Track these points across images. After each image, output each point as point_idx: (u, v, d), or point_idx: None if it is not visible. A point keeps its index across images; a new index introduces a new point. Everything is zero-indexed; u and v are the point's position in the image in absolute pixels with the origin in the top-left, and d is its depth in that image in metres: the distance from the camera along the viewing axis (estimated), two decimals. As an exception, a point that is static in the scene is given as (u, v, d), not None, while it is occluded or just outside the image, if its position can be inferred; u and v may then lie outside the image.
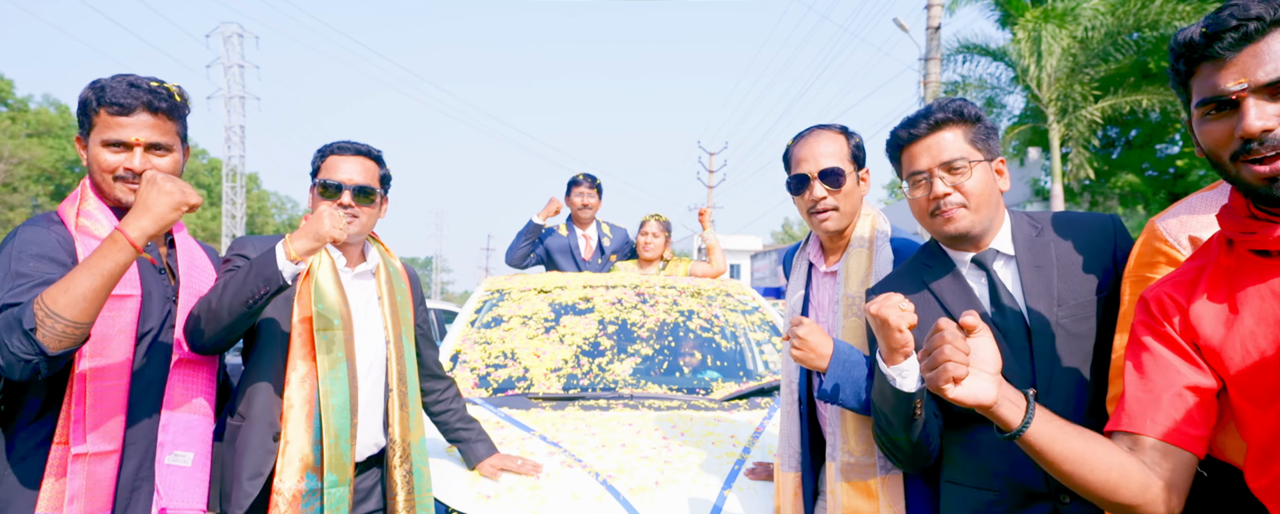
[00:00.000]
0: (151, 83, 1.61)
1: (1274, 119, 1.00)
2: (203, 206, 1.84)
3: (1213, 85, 1.03)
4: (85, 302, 1.31)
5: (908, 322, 1.35)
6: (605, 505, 2.02)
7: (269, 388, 1.76)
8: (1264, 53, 1.00)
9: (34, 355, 1.30)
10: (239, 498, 1.69)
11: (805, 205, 1.75)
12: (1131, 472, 1.09)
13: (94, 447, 1.47)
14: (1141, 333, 1.15)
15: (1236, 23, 1.01)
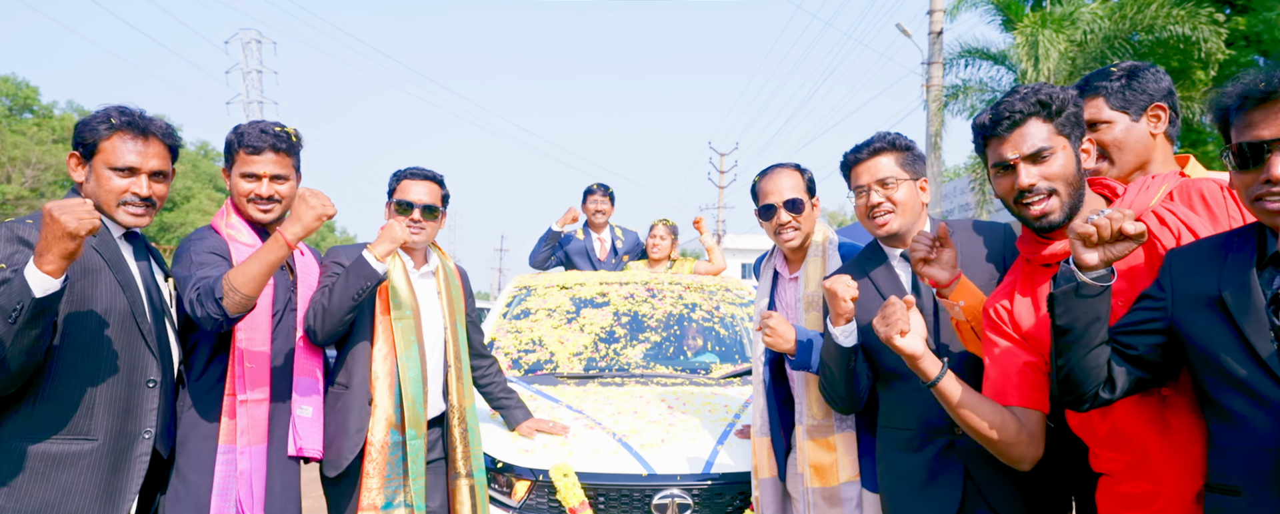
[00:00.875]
0: (276, 127, 2.13)
1: (1037, 178, 1.52)
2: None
3: (998, 155, 1.56)
4: (255, 281, 1.84)
5: (851, 294, 1.85)
6: (621, 458, 2.52)
7: (362, 364, 2.28)
8: (1026, 134, 1.53)
9: (220, 316, 1.83)
10: (347, 447, 2.21)
11: (772, 229, 2.25)
12: (1008, 422, 1.58)
13: (252, 396, 2.00)
14: (989, 331, 1.65)
15: (1007, 114, 1.53)
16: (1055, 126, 1.60)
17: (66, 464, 1.71)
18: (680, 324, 3.69)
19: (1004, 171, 1.59)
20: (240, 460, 2.00)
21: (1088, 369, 1.33)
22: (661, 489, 2.47)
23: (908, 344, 1.56)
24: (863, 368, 1.96)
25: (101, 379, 1.77)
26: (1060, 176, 1.57)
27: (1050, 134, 1.59)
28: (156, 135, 1.90)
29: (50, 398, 1.71)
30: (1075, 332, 1.30)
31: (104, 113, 1.87)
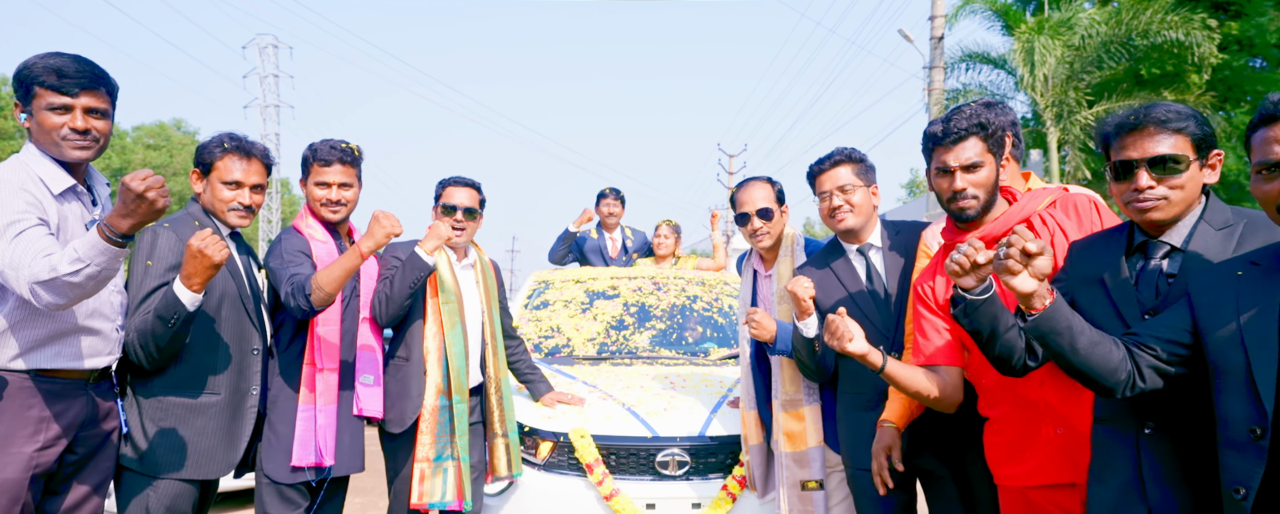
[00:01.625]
0: (342, 144, 2.59)
1: (968, 183, 1.94)
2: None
3: (942, 161, 1.98)
4: (335, 283, 2.30)
5: (809, 294, 2.29)
6: (629, 423, 2.97)
7: (417, 341, 2.73)
8: (965, 148, 1.94)
9: (308, 309, 2.29)
10: (409, 410, 2.66)
11: (747, 232, 2.70)
12: (937, 383, 2.01)
13: (325, 365, 2.45)
14: (918, 305, 2.08)
15: (955, 130, 1.95)
16: (987, 145, 2.04)
17: (200, 412, 2.18)
18: (682, 314, 4.13)
19: (943, 174, 2.02)
20: (318, 417, 2.46)
21: (1009, 348, 1.71)
22: (663, 449, 2.92)
23: (854, 348, 1.96)
24: (827, 348, 2.40)
25: (221, 347, 2.24)
26: (983, 184, 2.01)
27: (982, 151, 2.02)
28: (257, 157, 2.37)
29: (185, 362, 2.18)
30: (984, 331, 1.69)
31: (218, 138, 2.35)
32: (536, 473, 2.98)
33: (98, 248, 1.75)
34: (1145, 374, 1.44)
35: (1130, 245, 1.69)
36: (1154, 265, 1.61)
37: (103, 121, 2.01)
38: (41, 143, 1.97)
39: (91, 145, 2.00)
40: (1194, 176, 1.58)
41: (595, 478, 2.89)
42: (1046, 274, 1.46)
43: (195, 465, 2.18)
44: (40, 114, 1.94)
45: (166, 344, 2.06)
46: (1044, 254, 1.44)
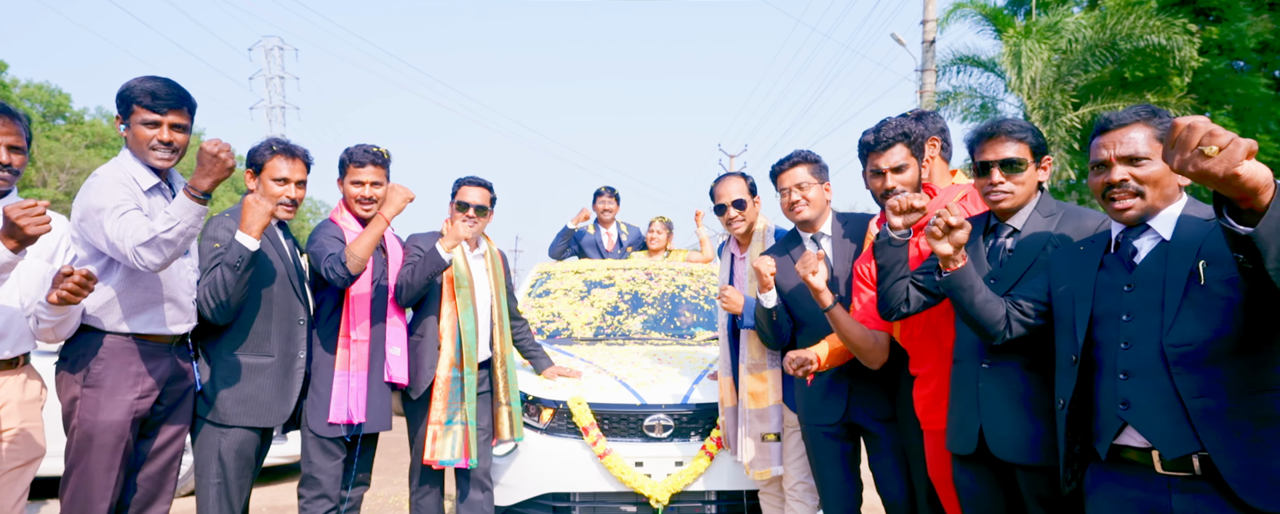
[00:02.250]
0: (375, 148, 3.02)
1: (897, 182, 2.37)
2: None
3: (874, 164, 2.42)
4: (366, 248, 2.72)
5: (770, 271, 2.73)
6: (621, 392, 3.40)
7: (434, 320, 3.17)
8: (893, 153, 2.39)
9: (346, 275, 2.72)
10: (423, 379, 3.09)
11: (724, 221, 3.13)
12: (870, 338, 2.44)
13: (357, 338, 2.89)
14: (857, 281, 2.52)
15: (884, 138, 2.39)
16: (910, 150, 2.47)
17: (258, 371, 2.62)
18: (672, 301, 4.57)
19: (877, 175, 2.45)
20: (351, 381, 2.89)
21: (895, 293, 2.16)
22: (650, 414, 3.35)
23: (815, 280, 2.40)
24: (784, 319, 2.83)
25: (273, 317, 2.68)
26: (908, 183, 2.44)
27: (907, 155, 2.45)
28: (300, 157, 2.80)
29: (243, 326, 2.62)
30: (887, 267, 2.13)
31: (268, 142, 2.78)
32: (539, 436, 3.42)
33: (185, 206, 2.19)
34: (1014, 326, 1.87)
35: (986, 227, 2.14)
36: (999, 243, 2.06)
37: (183, 135, 2.45)
38: (135, 149, 2.41)
39: (173, 156, 2.44)
40: (1032, 175, 2.02)
41: (590, 440, 3.32)
42: (961, 243, 1.88)
43: (255, 415, 2.62)
44: (135, 127, 2.38)
45: (233, 291, 2.49)
46: (962, 228, 1.87)
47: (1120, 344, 1.57)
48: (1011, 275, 1.99)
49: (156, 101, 2.38)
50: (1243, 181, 1.09)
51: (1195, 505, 1.46)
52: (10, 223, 1.90)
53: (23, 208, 1.89)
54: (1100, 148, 1.71)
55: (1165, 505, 1.49)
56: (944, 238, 1.86)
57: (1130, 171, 1.64)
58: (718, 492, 3.33)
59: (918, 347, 2.37)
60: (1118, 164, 1.66)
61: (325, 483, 2.87)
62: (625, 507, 3.33)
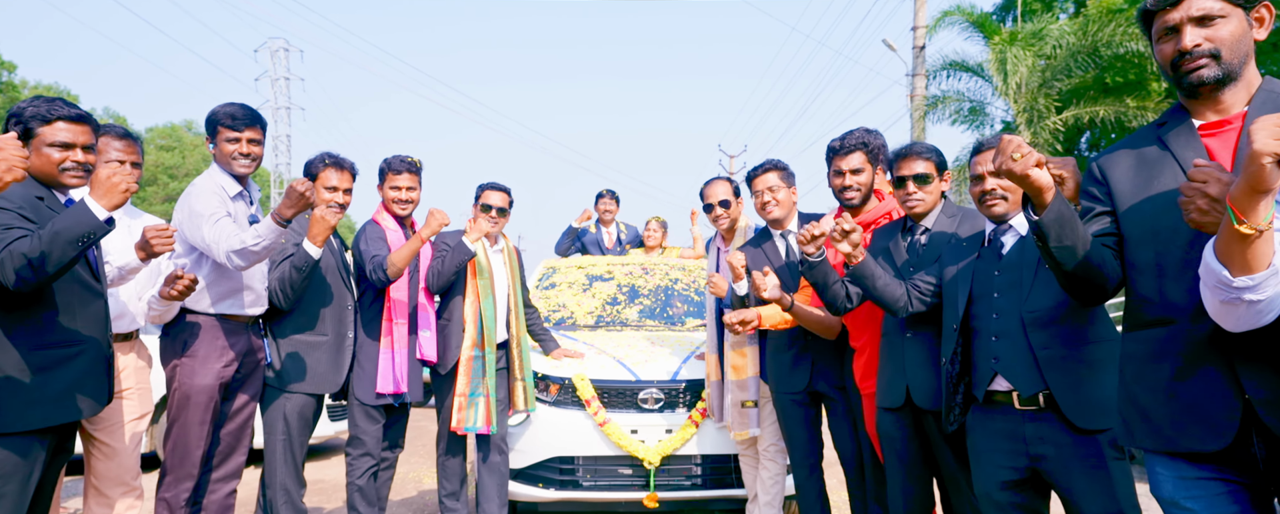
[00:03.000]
0: (410, 159, 3.55)
1: (853, 181, 2.90)
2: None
3: (836, 167, 2.94)
4: (404, 262, 3.26)
5: (742, 264, 3.25)
6: (618, 370, 3.93)
7: (458, 306, 3.69)
8: (852, 157, 2.91)
9: (386, 280, 3.25)
10: (450, 357, 3.61)
11: (711, 219, 3.65)
12: (823, 318, 2.96)
13: (397, 320, 3.41)
14: None
15: (847, 144, 2.92)
16: (867, 157, 2.99)
17: (315, 347, 3.15)
18: (665, 293, 5.09)
19: (838, 175, 2.97)
20: (394, 357, 3.41)
21: (835, 296, 2.66)
22: (644, 389, 3.88)
23: (769, 295, 2.93)
24: (754, 303, 3.35)
25: (327, 303, 3.20)
26: (864, 184, 2.97)
27: (864, 160, 2.98)
28: (347, 168, 3.33)
29: (303, 312, 3.14)
30: (818, 283, 2.63)
31: (321, 156, 3.31)
32: (548, 407, 3.94)
33: (271, 228, 2.71)
34: (914, 302, 2.39)
35: (905, 228, 2.66)
36: (915, 239, 2.59)
37: (258, 147, 2.98)
38: (221, 162, 2.94)
39: (252, 164, 2.97)
40: (937, 186, 2.54)
41: (592, 411, 3.84)
42: (856, 243, 2.40)
43: (314, 383, 3.15)
44: (221, 144, 2.91)
45: (298, 286, 3.02)
46: (855, 231, 2.38)
47: (992, 315, 2.09)
48: (924, 263, 2.51)
49: (236, 122, 2.91)
50: (1032, 181, 1.60)
51: (1041, 430, 1.98)
52: (145, 241, 2.43)
53: (158, 231, 2.43)
54: (978, 164, 2.23)
55: (1021, 432, 2.01)
56: (843, 240, 2.38)
57: (998, 183, 2.17)
58: (702, 455, 3.85)
59: (857, 325, 2.89)
60: (988, 177, 2.18)
61: (368, 443, 3.40)
62: (622, 469, 3.86)
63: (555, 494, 3.86)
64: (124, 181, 2.10)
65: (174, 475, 2.83)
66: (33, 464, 2.18)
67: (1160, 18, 1.56)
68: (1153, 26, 1.60)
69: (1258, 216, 1.19)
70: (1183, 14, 1.52)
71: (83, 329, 2.26)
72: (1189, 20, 1.51)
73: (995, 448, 2.07)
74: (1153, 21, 1.59)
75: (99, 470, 2.62)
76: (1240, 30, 1.51)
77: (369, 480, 3.41)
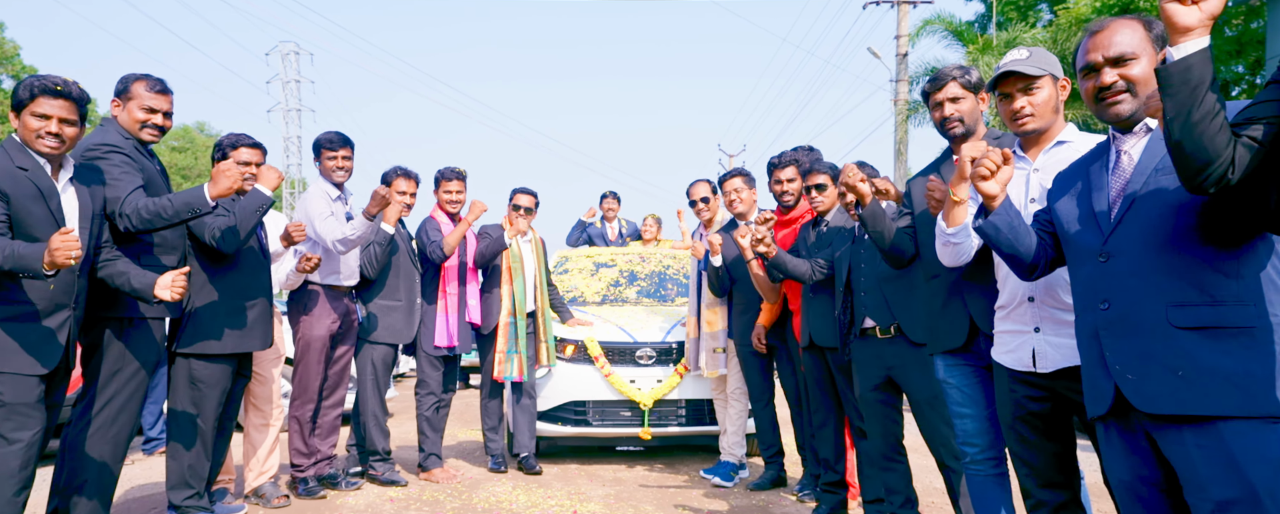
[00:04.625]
0: (459, 169, 4.63)
1: (789, 187, 3.99)
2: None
3: (776, 177, 4.04)
4: (454, 244, 4.36)
5: (718, 243, 4.33)
6: (620, 334, 5.01)
7: (497, 282, 4.77)
8: (787, 170, 4.00)
9: (442, 258, 4.35)
10: (491, 321, 4.69)
11: (695, 212, 4.75)
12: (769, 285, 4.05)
13: (450, 292, 4.50)
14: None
15: (783, 160, 4.01)
16: (799, 171, 4.07)
17: (393, 309, 4.23)
18: (659, 276, 6.18)
19: (777, 183, 4.04)
20: (449, 319, 4.50)
21: (783, 274, 3.75)
22: (640, 348, 4.96)
23: (747, 253, 4.01)
24: (725, 276, 4.43)
25: (400, 277, 4.28)
26: (795, 191, 4.05)
27: (795, 173, 4.06)
28: (414, 178, 4.42)
29: (384, 283, 4.23)
30: (771, 271, 3.73)
31: (395, 168, 4.40)
32: (565, 363, 5.02)
33: (363, 224, 3.81)
34: (816, 273, 3.48)
35: (814, 223, 3.73)
36: (819, 230, 3.67)
37: (351, 162, 4.07)
38: (325, 175, 4.03)
39: (346, 176, 4.05)
40: (833, 193, 3.60)
41: (599, 365, 4.92)
42: (769, 243, 3.48)
43: (392, 336, 4.23)
44: (325, 162, 4.00)
45: (381, 259, 4.11)
46: (767, 221, 3.48)
47: (861, 279, 3.15)
48: (823, 247, 3.58)
49: (333, 145, 4.00)
50: (858, 192, 2.67)
51: (893, 348, 3.03)
52: (287, 233, 3.52)
53: (296, 226, 3.54)
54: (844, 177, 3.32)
55: (882, 352, 3.07)
56: (760, 243, 3.46)
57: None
58: (686, 399, 4.94)
59: (794, 292, 3.97)
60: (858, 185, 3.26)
61: (432, 384, 4.49)
62: (623, 410, 4.94)
63: (571, 430, 4.95)
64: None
65: (299, 400, 3.93)
66: (228, 378, 3.28)
67: (932, 98, 2.63)
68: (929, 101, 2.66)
69: (961, 192, 2.22)
70: (945, 96, 2.60)
71: (258, 289, 3.35)
72: (947, 99, 2.59)
73: (867, 364, 3.13)
74: (928, 101, 2.66)
75: (256, 392, 3.70)
76: (970, 107, 2.59)
77: (433, 412, 4.50)
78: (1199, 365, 1.56)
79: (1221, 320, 1.58)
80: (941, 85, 2.61)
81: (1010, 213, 1.96)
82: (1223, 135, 1.44)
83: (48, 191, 2.55)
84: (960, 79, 2.60)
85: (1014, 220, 1.95)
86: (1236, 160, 1.45)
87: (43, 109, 2.51)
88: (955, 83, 2.60)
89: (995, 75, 2.21)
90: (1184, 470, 1.58)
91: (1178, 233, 1.63)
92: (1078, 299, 1.79)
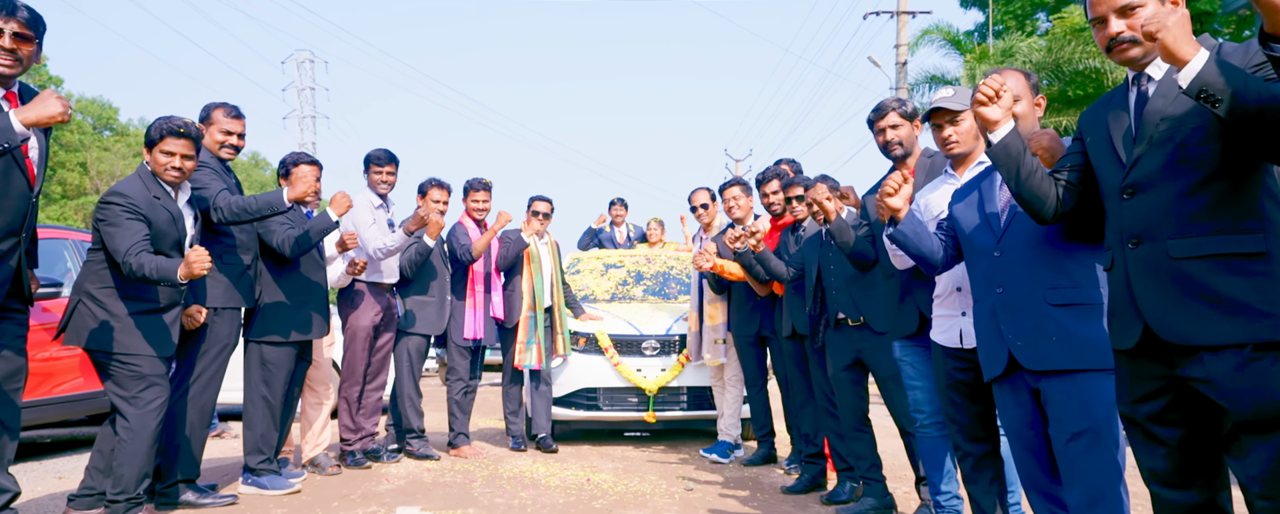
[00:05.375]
0: (484, 180, 5.19)
1: (775, 198, 4.54)
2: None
3: (763, 191, 4.58)
4: (482, 249, 4.93)
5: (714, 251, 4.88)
6: (628, 327, 5.56)
7: (518, 280, 5.32)
8: (772, 184, 4.54)
9: (469, 260, 4.91)
10: (513, 316, 5.24)
11: (696, 217, 5.30)
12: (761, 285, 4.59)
13: (477, 289, 5.05)
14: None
15: (767, 175, 4.55)
16: (779, 182, 4.61)
17: (426, 305, 4.78)
18: (663, 276, 6.72)
19: (764, 196, 4.58)
20: (476, 314, 5.05)
21: (752, 269, 4.28)
22: (645, 340, 5.50)
23: (731, 268, 4.55)
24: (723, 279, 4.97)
25: (433, 276, 4.83)
26: (781, 201, 4.59)
27: (778, 187, 4.60)
28: (447, 188, 4.97)
29: (420, 281, 4.78)
30: (747, 263, 4.26)
31: (429, 179, 4.96)
32: (578, 354, 5.57)
33: (401, 237, 4.38)
34: (791, 272, 4.01)
35: (792, 229, 4.27)
36: (797, 235, 4.20)
37: (395, 177, 4.63)
38: (371, 186, 4.59)
39: (388, 188, 4.62)
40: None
41: (609, 356, 5.46)
42: (752, 245, 4.01)
43: (427, 327, 4.79)
44: (371, 175, 4.57)
45: (419, 264, 4.67)
46: (755, 236, 4.01)
47: (831, 278, 3.68)
48: (801, 251, 4.11)
49: (381, 161, 4.57)
50: (824, 208, 3.22)
51: (862, 335, 3.55)
52: (342, 242, 4.09)
53: (351, 235, 4.09)
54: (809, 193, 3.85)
55: (851, 338, 3.59)
56: (744, 242, 3.99)
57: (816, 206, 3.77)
58: (687, 386, 5.47)
59: (779, 286, 4.50)
60: (812, 203, 3.79)
61: (461, 371, 5.04)
62: (630, 396, 5.48)
63: (584, 414, 5.50)
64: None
65: (347, 381, 4.49)
66: (292, 360, 3.84)
67: (876, 125, 3.17)
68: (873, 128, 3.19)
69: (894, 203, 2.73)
70: (886, 124, 3.13)
71: (315, 287, 3.92)
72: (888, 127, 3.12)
73: (839, 349, 3.66)
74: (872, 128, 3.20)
75: (311, 375, 4.26)
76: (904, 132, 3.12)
77: (462, 396, 5.06)
78: (1066, 332, 2.10)
79: (1080, 299, 2.11)
80: (883, 114, 3.15)
81: (915, 222, 2.49)
82: (1046, 183, 2.00)
83: (177, 216, 3.15)
84: (898, 109, 3.14)
85: (918, 228, 2.48)
86: (1062, 196, 1.98)
87: (169, 147, 3.09)
88: (894, 112, 3.14)
89: (927, 109, 2.73)
90: (1052, 413, 2.12)
91: (1049, 235, 2.16)
92: (976, 287, 2.33)
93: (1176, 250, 1.69)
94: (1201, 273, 1.65)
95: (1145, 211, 1.74)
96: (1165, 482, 1.77)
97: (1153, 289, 1.71)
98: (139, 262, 2.88)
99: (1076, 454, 2.04)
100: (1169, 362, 1.70)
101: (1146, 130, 1.77)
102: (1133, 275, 1.75)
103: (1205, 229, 1.67)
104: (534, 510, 3.56)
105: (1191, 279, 1.66)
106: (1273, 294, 1.59)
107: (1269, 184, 1.67)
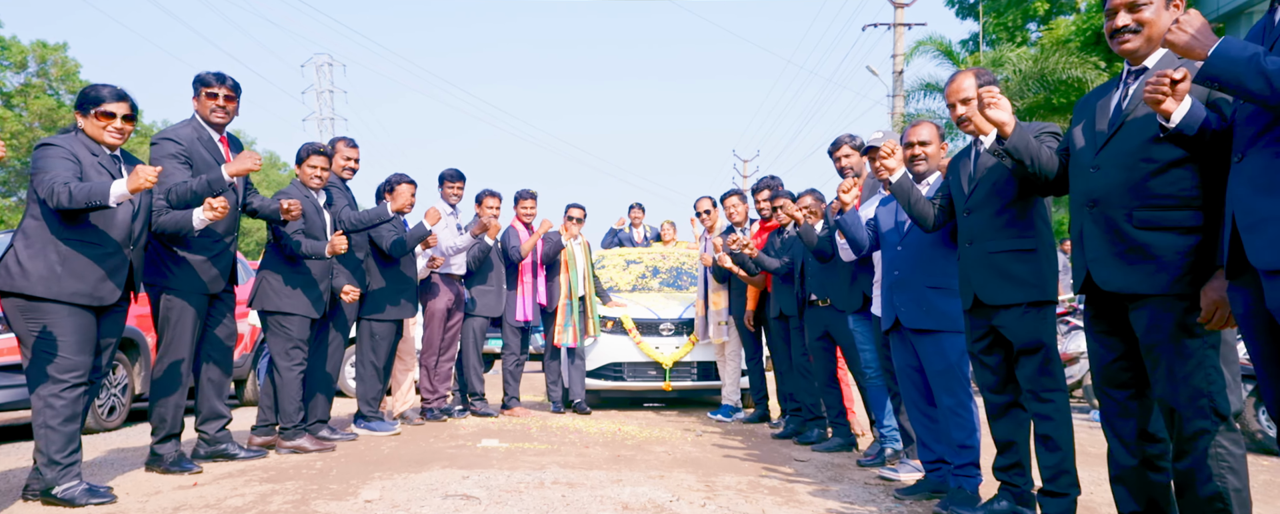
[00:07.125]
0: (531, 191, 6.35)
1: (766, 205, 5.69)
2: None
3: (756, 199, 5.73)
4: (528, 251, 6.08)
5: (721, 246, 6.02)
6: (648, 312, 6.71)
7: (559, 273, 6.47)
8: (765, 193, 5.70)
9: (520, 258, 6.07)
10: (553, 301, 6.38)
11: (701, 219, 6.43)
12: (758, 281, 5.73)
13: (528, 283, 6.21)
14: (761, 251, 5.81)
15: (759, 186, 5.69)
16: (769, 191, 5.74)
17: (488, 293, 5.94)
18: (677, 271, 7.87)
19: (757, 204, 5.72)
20: (526, 301, 6.20)
21: (758, 267, 5.41)
22: (662, 323, 6.65)
23: (729, 265, 5.68)
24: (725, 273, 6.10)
25: (492, 268, 6.00)
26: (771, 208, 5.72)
27: (768, 195, 5.73)
28: (497, 195, 6.14)
29: (482, 273, 5.94)
30: (743, 263, 5.39)
31: (485, 191, 6.12)
32: (606, 335, 6.72)
33: (469, 241, 5.56)
34: (782, 268, 5.14)
35: (779, 231, 5.40)
36: (783, 236, 5.34)
37: (463, 191, 5.80)
38: (444, 197, 5.76)
39: (458, 200, 5.79)
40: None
41: (632, 336, 6.61)
42: (748, 248, 5.14)
43: (487, 310, 5.95)
44: (445, 189, 5.75)
45: (482, 260, 5.83)
46: (748, 246, 5.14)
47: (808, 268, 4.80)
48: (787, 249, 5.22)
49: (453, 179, 5.74)
50: (796, 220, 4.34)
51: (831, 314, 4.67)
52: (425, 242, 5.24)
53: (433, 237, 5.24)
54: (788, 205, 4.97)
55: (823, 316, 4.70)
56: (743, 245, 5.13)
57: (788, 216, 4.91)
58: (697, 361, 6.62)
59: (769, 279, 5.63)
60: (785, 215, 4.92)
61: (514, 347, 6.21)
62: (650, 370, 6.63)
63: (612, 384, 6.66)
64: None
65: (426, 353, 5.66)
66: (393, 334, 5.02)
67: (833, 155, 4.31)
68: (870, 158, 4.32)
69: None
70: (841, 154, 4.28)
71: (407, 278, 5.08)
72: (842, 156, 4.26)
73: (814, 324, 4.78)
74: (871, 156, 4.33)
75: (402, 347, 5.42)
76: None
77: (515, 366, 6.22)
78: (933, 306, 3.23)
79: (945, 283, 3.25)
80: (839, 147, 4.30)
81: (855, 216, 3.65)
82: (928, 208, 3.12)
83: (319, 208, 4.37)
84: (850, 143, 4.29)
85: (856, 220, 3.65)
86: (937, 215, 3.13)
87: (314, 163, 4.29)
88: (847, 145, 4.29)
89: (866, 147, 3.87)
90: (924, 357, 3.26)
91: (933, 239, 3.30)
92: (883, 269, 3.47)
93: (993, 246, 2.83)
94: (1005, 261, 2.79)
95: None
96: (991, 389, 2.90)
97: (981, 270, 2.84)
98: (299, 240, 4.13)
99: (941, 382, 3.18)
100: (988, 316, 2.83)
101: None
102: (967, 262, 2.89)
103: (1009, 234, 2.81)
104: (582, 442, 4.72)
105: (998, 263, 2.80)
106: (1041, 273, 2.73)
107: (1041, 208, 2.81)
